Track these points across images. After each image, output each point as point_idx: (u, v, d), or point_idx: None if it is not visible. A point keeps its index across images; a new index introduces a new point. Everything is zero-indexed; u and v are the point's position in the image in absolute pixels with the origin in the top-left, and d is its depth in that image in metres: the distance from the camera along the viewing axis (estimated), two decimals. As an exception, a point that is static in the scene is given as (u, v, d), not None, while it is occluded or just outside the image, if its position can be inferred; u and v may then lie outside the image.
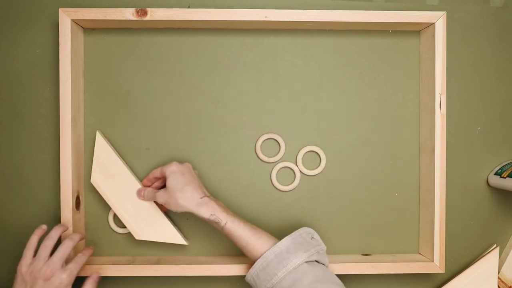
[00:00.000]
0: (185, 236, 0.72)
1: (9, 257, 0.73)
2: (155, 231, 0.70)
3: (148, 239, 0.70)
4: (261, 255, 0.60)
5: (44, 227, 0.64)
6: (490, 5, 0.75)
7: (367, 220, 0.75)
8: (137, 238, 0.70)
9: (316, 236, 0.64)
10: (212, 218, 0.62)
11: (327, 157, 0.74)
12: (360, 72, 0.74)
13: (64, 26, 0.67)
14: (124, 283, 0.74)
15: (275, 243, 0.61)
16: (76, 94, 0.69)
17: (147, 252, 0.73)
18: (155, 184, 0.70)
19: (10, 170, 0.73)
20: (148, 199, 0.68)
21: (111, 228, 0.73)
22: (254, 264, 0.60)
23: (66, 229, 0.65)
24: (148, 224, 0.70)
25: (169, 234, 0.70)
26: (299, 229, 0.63)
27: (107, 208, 0.72)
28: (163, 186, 0.67)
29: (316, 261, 0.61)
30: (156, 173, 0.67)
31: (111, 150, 0.70)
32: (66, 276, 0.59)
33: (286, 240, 0.61)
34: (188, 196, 0.62)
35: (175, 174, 0.63)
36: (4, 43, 0.73)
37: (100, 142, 0.70)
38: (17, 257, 0.61)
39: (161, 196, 0.64)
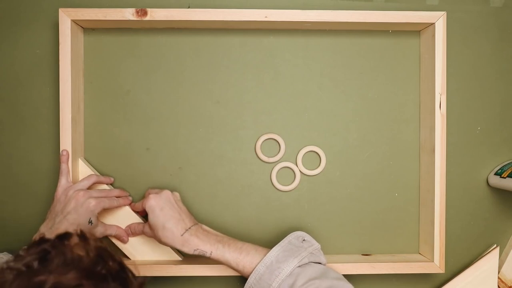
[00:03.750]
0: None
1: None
2: (149, 250, 0.70)
3: (143, 259, 0.70)
4: (253, 269, 0.60)
5: (64, 152, 0.67)
6: (490, 5, 0.75)
7: (367, 220, 0.75)
8: (132, 259, 0.70)
9: (308, 237, 0.64)
10: (196, 253, 0.62)
11: (327, 157, 0.74)
12: (360, 72, 0.74)
13: (64, 26, 0.67)
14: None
15: (265, 255, 0.61)
16: (76, 94, 0.69)
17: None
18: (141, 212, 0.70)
19: (10, 170, 0.73)
20: (136, 235, 0.69)
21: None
22: (248, 280, 0.60)
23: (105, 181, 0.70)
24: (141, 244, 0.70)
25: (163, 251, 0.71)
26: (288, 235, 0.63)
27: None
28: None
29: (311, 262, 0.61)
30: (138, 207, 0.67)
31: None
32: (95, 204, 0.63)
33: (275, 250, 0.61)
34: (169, 236, 0.62)
35: (153, 210, 0.63)
36: (4, 43, 0.73)
37: (84, 169, 0.70)
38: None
39: (148, 232, 0.66)
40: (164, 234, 0.62)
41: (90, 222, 0.63)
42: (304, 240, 0.63)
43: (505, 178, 0.71)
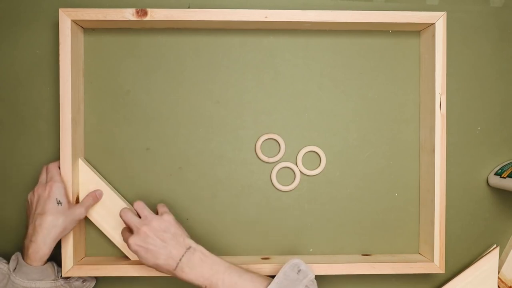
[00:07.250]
0: None
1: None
2: None
3: None
4: None
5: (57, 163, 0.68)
6: (490, 5, 0.75)
7: (367, 220, 0.75)
8: (132, 259, 0.70)
9: (303, 266, 0.62)
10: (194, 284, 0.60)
11: (327, 157, 0.74)
12: (360, 72, 0.74)
13: (64, 26, 0.67)
14: (124, 283, 0.74)
15: None
16: (76, 94, 0.69)
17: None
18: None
19: (10, 170, 0.73)
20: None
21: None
22: None
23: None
24: None
25: None
26: (284, 265, 0.61)
27: (107, 208, 0.72)
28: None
29: None
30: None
31: (96, 175, 0.70)
32: (50, 184, 0.65)
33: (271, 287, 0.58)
34: (164, 271, 0.61)
35: (139, 254, 0.60)
36: (4, 43, 0.73)
37: (84, 168, 0.70)
38: (17, 257, 0.61)
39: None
40: (161, 270, 0.61)
41: (59, 203, 0.64)
42: (299, 270, 0.61)
43: (505, 178, 0.71)
